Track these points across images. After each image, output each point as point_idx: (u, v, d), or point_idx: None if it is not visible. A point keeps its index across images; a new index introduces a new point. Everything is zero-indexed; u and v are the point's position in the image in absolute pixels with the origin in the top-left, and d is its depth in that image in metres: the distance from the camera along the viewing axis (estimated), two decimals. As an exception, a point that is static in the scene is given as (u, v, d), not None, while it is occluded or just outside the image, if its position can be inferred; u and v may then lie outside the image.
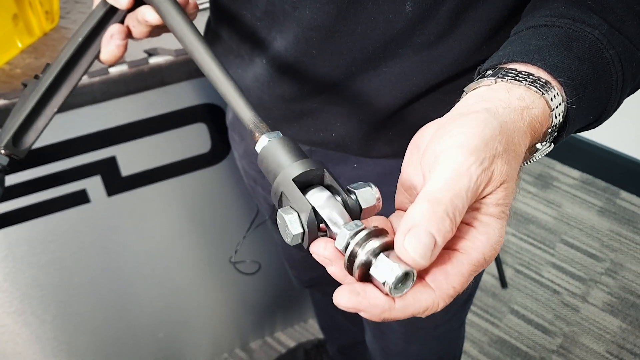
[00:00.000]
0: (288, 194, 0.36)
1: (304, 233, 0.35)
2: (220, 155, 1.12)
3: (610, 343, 1.60)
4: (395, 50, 0.56)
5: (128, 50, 0.95)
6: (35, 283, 1.14)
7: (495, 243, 0.35)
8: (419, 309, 0.34)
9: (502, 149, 0.35)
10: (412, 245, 0.32)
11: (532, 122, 0.38)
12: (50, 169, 1.00)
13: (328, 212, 0.35)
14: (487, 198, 0.35)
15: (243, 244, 1.16)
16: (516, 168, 0.36)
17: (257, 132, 0.41)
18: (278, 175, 0.37)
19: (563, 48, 0.41)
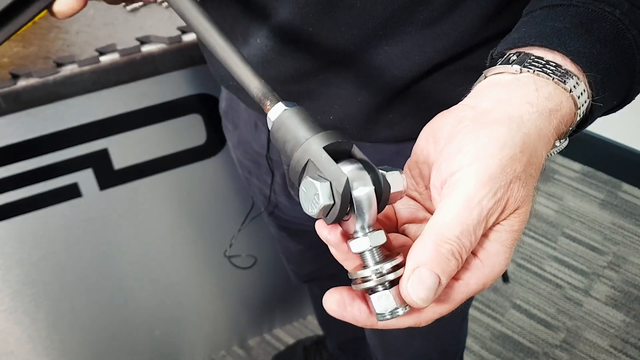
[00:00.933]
0: (318, 162, 0.33)
1: (332, 205, 0.33)
2: (216, 148, 1.09)
3: (614, 337, 1.58)
4: (397, 28, 0.53)
5: (119, 38, 0.93)
6: (27, 280, 1.11)
7: (498, 273, 0.35)
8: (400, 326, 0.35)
9: (521, 169, 0.33)
10: (416, 290, 0.32)
11: (558, 125, 0.36)
12: (40, 162, 0.97)
13: (360, 190, 0.33)
14: (499, 225, 0.34)
15: (238, 237, 1.13)
16: (533, 185, 0.35)
17: (268, 101, 0.37)
18: (303, 144, 0.34)
19: (583, 31, 0.38)
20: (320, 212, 0.33)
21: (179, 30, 0.93)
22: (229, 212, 1.21)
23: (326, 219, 0.34)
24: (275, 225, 0.97)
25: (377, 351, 1.01)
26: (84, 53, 0.90)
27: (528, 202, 0.34)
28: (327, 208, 0.33)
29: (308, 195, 0.33)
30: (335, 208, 0.33)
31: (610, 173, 2.05)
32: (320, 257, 1.08)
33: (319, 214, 0.33)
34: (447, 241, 0.32)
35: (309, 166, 0.34)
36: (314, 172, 0.33)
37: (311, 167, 0.34)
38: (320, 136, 0.34)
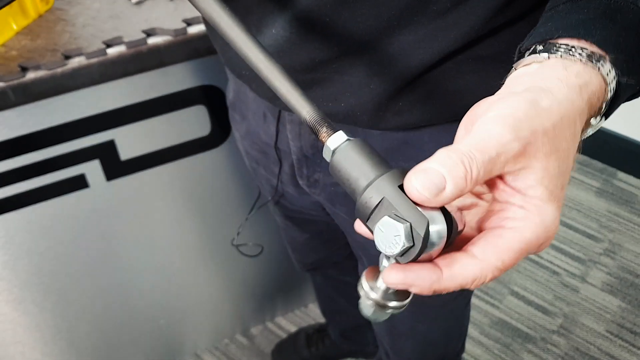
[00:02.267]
0: (395, 202, 0.33)
1: (411, 247, 0.33)
2: (220, 138, 1.11)
3: (610, 322, 1.61)
4: (410, 18, 0.54)
5: (126, 31, 0.94)
6: (35, 270, 1.13)
7: (550, 226, 0.34)
8: (467, 279, 0.34)
9: (549, 125, 0.34)
10: (420, 180, 0.32)
11: (590, 99, 0.37)
12: (48, 154, 0.98)
13: (436, 233, 0.33)
14: (528, 177, 0.34)
15: (245, 226, 1.15)
16: (569, 148, 0.35)
17: (324, 128, 0.37)
18: (376, 180, 0.34)
19: (608, 21, 0.40)
20: (399, 253, 0.33)
21: (184, 22, 0.95)
22: (234, 201, 1.22)
23: (401, 258, 0.34)
24: (281, 214, 0.99)
25: (383, 336, 1.02)
26: (91, 45, 0.92)
27: (560, 159, 0.35)
28: (405, 250, 0.33)
29: (386, 235, 0.33)
30: (414, 249, 0.33)
31: (605, 161, 2.07)
32: (325, 246, 1.10)
33: (396, 253, 0.33)
34: (457, 150, 0.33)
35: (384, 204, 0.34)
36: (390, 211, 0.33)
37: (387, 205, 0.34)
38: (392, 174, 0.34)
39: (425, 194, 0.32)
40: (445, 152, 0.33)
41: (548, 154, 0.34)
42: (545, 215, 0.34)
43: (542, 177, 0.34)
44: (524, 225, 0.34)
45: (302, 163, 0.76)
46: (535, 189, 0.34)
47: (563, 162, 0.35)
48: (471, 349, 1.56)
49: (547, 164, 0.34)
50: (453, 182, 0.32)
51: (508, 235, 0.34)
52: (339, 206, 0.78)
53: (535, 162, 0.34)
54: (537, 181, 0.34)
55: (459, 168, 0.32)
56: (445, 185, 0.32)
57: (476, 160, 0.32)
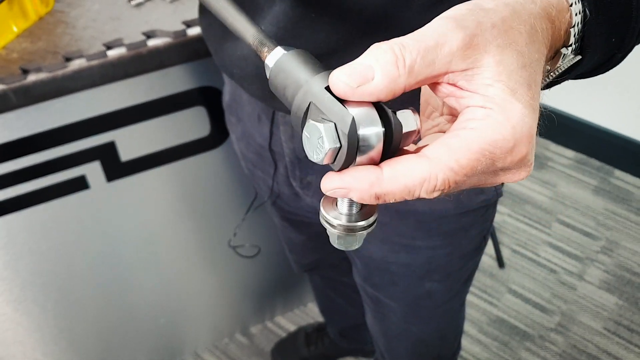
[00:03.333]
0: (321, 104, 0.30)
1: (339, 148, 0.29)
2: (219, 139, 1.12)
3: (607, 320, 1.62)
4: (396, 13, 0.54)
5: (126, 33, 0.95)
6: (36, 270, 1.14)
7: (517, 125, 0.30)
8: (413, 180, 0.30)
9: (497, 18, 0.31)
10: (343, 71, 0.29)
11: (546, 7, 0.33)
12: (49, 155, 0.99)
13: (368, 129, 0.29)
14: (482, 74, 0.30)
15: (243, 227, 1.16)
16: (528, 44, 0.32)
17: (265, 47, 0.35)
18: (303, 86, 0.31)
19: None
20: (326, 158, 0.30)
21: (183, 24, 0.95)
22: (232, 202, 1.23)
23: (333, 165, 0.31)
24: (278, 215, 1.00)
25: (379, 338, 1.03)
26: (92, 48, 0.92)
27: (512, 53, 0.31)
28: (334, 152, 0.30)
29: (312, 140, 0.30)
30: (342, 151, 0.29)
31: (602, 159, 2.08)
32: (322, 248, 1.10)
33: (325, 159, 0.30)
34: (388, 42, 0.30)
35: (311, 109, 0.31)
36: (317, 115, 0.30)
37: (314, 110, 0.31)
38: (322, 76, 0.31)
39: (350, 83, 0.29)
40: (375, 44, 0.30)
41: (502, 47, 0.31)
42: (510, 112, 0.30)
43: (499, 72, 0.30)
44: (485, 123, 0.30)
45: (295, 165, 0.76)
46: (494, 87, 0.30)
47: (522, 58, 0.31)
48: (469, 347, 1.57)
49: (502, 57, 0.30)
50: (381, 70, 0.29)
51: (465, 134, 0.30)
52: None
53: (487, 55, 0.30)
54: (494, 77, 0.30)
55: (388, 54, 0.29)
56: (374, 74, 0.29)
57: (409, 47, 0.29)
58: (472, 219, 0.75)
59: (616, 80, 1.89)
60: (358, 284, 0.95)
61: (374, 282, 0.89)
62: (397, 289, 0.86)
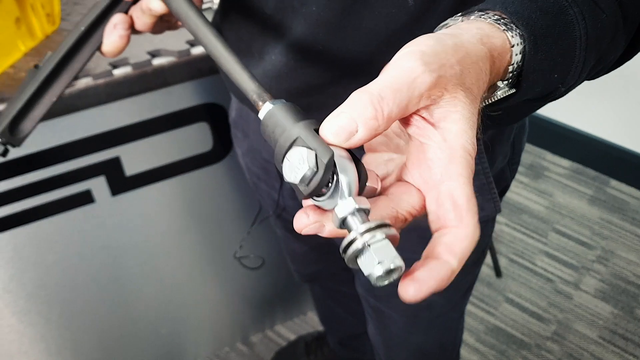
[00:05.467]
0: (306, 138, 0.35)
1: (315, 173, 0.33)
2: (222, 153, 1.14)
3: (602, 329, 1.64)
4: (398, 43, 0.57)
5: (132, 52, 0.97)
6: (41, 283, 1.16)
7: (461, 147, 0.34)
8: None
9: (455, 60, 0.35)
10: (332, 124, 0.33)
11: (491, 50, 0.38)
12: (56, 171, 1.01)
13: (343, 167, 0.34)
14: (444, 107, 0.34)
15: (247, 239, 1.18)
16: (473, 85, 0.36)
17: (260, 101, 0.40)
18: (293, 126, 0.36)
19: (528, 0, 0.41)
20: (301, 179, 0.34)
21: (187, 43, 0.98)
22: (234, 215, 1.25)
23: (306, 187, 0.34)
24: (282, 227, 1.02)
25: (379, 347, 1.05)
26: (98, 67, 0.95)
27: (471, 94, 0.35)
28: (310, 174, 0.33)
29: (293, 163, 0.34)
30: (317, 176, 0.33)
31: (598, 169, 2.11)
32: (323, 258, 1.13)
33: (300, 180, 0.34)
34: (366, 92, 0.33)
35: (296, 142, 0.35)
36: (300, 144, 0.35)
37: (299, 142, 0.35)
38: (308, 122, 0.36)
39: (339, 138, 0.33)
40: (356, 95, 0.34)
41: (455, 86, 0.35)
42: (454, 141, 0.34)
43: (454, 105, 0.34)
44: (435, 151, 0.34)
45: None
46: (452, 118, 0.34)
47: (471, 95, 0.35)
48: (467, 356, 1.59)
49: (456, 94, 0.35)
50: (364, 125, 0.33)
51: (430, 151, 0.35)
52: None
53: (446, 93, 0.34)
54: (451, 110, 0.34)
55: (368, 110, 0.33)
56: (357, 128, 0.33)
57: (387, 99, 0.33)
58: None
59: (612, 90, 1.92)
60: (360, 294, 0.98)
61: (376, 294, 0.91)
62: (398, 300, 0.88)
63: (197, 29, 0.47)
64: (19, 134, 0.54)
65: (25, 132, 0.55)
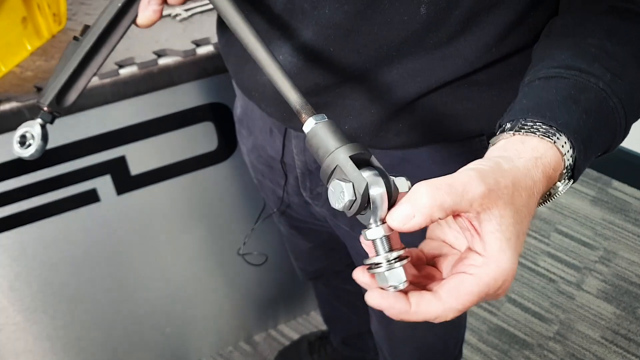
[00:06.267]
0: (344, 168, 0.42)
1: (354, 201, 0.41)
2: (227, 153, 1.15)
3: (605, 329, 1.64)
4: (409, 50, 0.58)
5: (138, 52, 0.98)
6: (46, 281, 1.16)
7: (505, 271, 0.40)
8: (430, 316, 0.42)
9: (509, 181, 0.41)
10: (394, 213, 0.40)
11: (545, 169, 0.43)
12: (62, 169, 1.02)
13: (374, 193, 0.41)
14: (489, 221, 0.40)
15: (251, 236, 1.19)
16: (524, 205, 0.42)
17: (304, 114, 0.46)
18: (332, 152, 0.43)
19: (572, 102, 0.46)
20: (343, 206, 0.41)
21: (193, 43, 0.98)
22: (239, 213, 1.26)
23: (348, 212, 0.42)
24: (287, 224, 1.03)
25: (383, 342, 1.06)
26: (104, 66, 0.95)
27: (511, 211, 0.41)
28: (350, 203, 0.41)
29: (335, 193, 0.42)
30: (356, 203, 0.41)
31: (600, 170, 2.11)
32: (328, 255, 1.13)
33: (343, 207, 0.41)
34: (426, 183, 0.40)
35: (336, 170, 0.42)
36: (341, 175, 0.42)
37: (338, 171, 0.42)
38: (346, 147, 0.43)
39: (399, 225, 0.40)
40: (417, 186, 0.40)
41: (506, 204, 0.40)
42: (501, 262, 0.40)
43: (500, 223, 0.40)
44: (482, 271, 0.40)
45: (306, 177, 0.80)
46: (494, 234, 0.40)
47: (518, 215, 0.41)
48: (470, 356, 1.59)
49: (504, 212, 0.40)
50: (420, 213, 0.39)
51: (468, 280, 0.41)
52: (341, 218, 0.82)
53: (495, 208, 0.40)
54: (495, 227, 0.40)
55: (425, 199, 0.39)
56: (415, 215, 0.39)
57: (442, 191, 0.39)
58: None
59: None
60: None
61: None
62: None
63: (241, 30, 0.51)
64: (64, 104, 0.59)
65: (70, 102, 0.60)
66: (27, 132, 0.58)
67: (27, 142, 0.58)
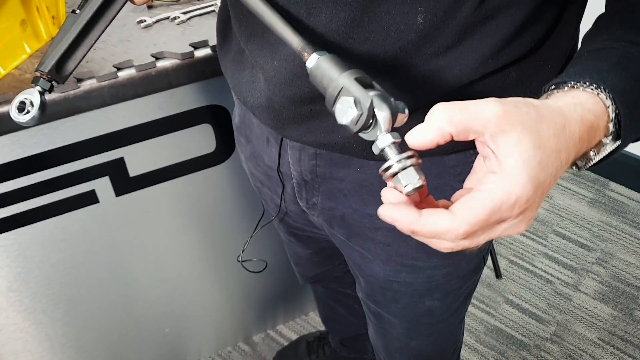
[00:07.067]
0: (350, 88, 0.45)
1: (361, 115, 0.44)
2: (225, 155, 1.15)
3: (602, 330, 1.65)
4: (405, 59, 0.58)
5: (136, 55, 0.98)
6: (46, 282, 1.17)
7: (519, 188, 0.39)
8: (438, 228, 0.41)
9: (534, 111, 0.40)
10: (412, 131, 0.42)
11: (584, 114, 0.42)
12: (61, 171, 1.02)
13: (378, 109, 0.44)
14: (505, 142, 0.39)
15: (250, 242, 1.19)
16: (551, 141, 0.40)
17: (306, 53, 0.48)
18: (337, 77, 0.45)
19: (620, 68, 0.46)
20: (350, 120, 0.44)
21: (191, 46, 0.99)
22: (237, 215, 1.27)
23: (355, 126, 0.44)
24: (285, 231, 1.03)
25: (380, 351, 1.06)
26: (103, 69, 0.96)
27: (531, 139, 0.40)
28: (357, 117, 0.44)
29: (343, 108, 0.44)
30: (362, 117, 0.44)
31: (598, 172, 2.12)
32: (327, 261, 1.14)
33: (350, 121, 0.44)
34: (442, 104, 0.41)
35: (342, 92, 0.45)
36: (348, 94, 0.45)
37: (344, 92, 0.45)
38: (350, 72, 0.45)
39: (415, 140, 0.42)
40: (435, 106, 0.41)
41: (526, 129, 0.39)
42: (515, 178, 0.39)
43: (516, 145, 0.39)
44: (495, 186, 0.40)
45: (302, 187, 0.80)
46: (511, 154, 0.39)
47: (542, 145, 0.40)
48: (467, 356, 1.60)
49: (523, 136, 0.39)
50: (431, 127, 0.41)
51: (481, 194, 0.40)
52: (337, 228, 0.82)
53: (513, 131, 0.39)
54: (512, 148, 0.39)
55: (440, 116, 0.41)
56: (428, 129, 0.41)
57: (455, 108, 0.40)
58: None
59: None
60: (361, 299, 0.99)
61: (376, 299, 0.92)
62: (399, 306, 0.89)
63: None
64: (63, 73, 0.61)
65: (69, 70, 0.61)
66: (26, 99, 0.59)
67: (26, 109, 0.59)
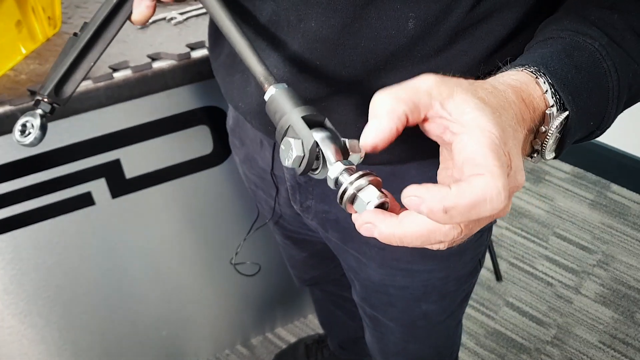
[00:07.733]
0: (295, 127, 0.44)
1: (303, 157, 0.42)
2: (222, 157, 1.14)
3: (603, 333, 1.64)
4: (396, 63, 0.58)
5: (132, 56, 0.97)
6: (41, 284, 1.16)
7: (490, 126, 0.36)
8: (478, 191, 0.34)
9: (463, 79, 0.40)
10: (364, 134, 0.40)
11: (524, 98, 0.42)
12: (56, 173, 1.01)
13: (325, 147, 0.42)
14: (453, 109, 0.38)
15: (243, 245, 1.18)
16: (494, 99, 0.39)
17: (266, 83, 0.48)
18: (287, 114, 0.45)
19: (564, 55, 0.45)
20: (293, 162, 0.42)
21: (188, 47, 0.98)
22: (234, 217, 1.26)
23: (298, 169, 0.43)
24: (281, 234, 1.02)
25: (377, 355, 1.05)
26: (98, 70, 0.95)
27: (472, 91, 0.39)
28: (298, 159, 0.42)
29: (286, 150, 0.43)
30: (304, 160, 0.42)
31: (599, 174, 2.11)
32: (323, 264, 1.13)
33: (292, 163, 0.42)
34: (377, 97, 0.40)
35: (289, 130, 0.44)
36: (292, 134, 0.44)
37: (291, 131, 0.44)
38: (300, 109, 0.45)
39: (371, 138, 0.40)
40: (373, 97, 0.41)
41: (465, 90, 0.38)
42: (478, 124, 0.36)
43: (464, 101, 0.38)
44: (469, 137, 0.36)
45: (296, 190, 0.79)
46: (464, 113, 0.37)
47: (485, 102, 0.38)
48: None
49: (466, 96, 0.38)
50: (382, 115, 0.40)
51: (474, 149, 0.36)
52: (331, 231, 0.81)
53: (456, 94, 0.38)
54: (463, 106, 0.37)
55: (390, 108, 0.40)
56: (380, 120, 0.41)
57: (395, 89, 0.39)
58: (466, 244, 0.78)
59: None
60: (357, 302, 0.98)
61: (372, 303, 0.91)
62: (395, 309, 0.88)
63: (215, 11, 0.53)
64: (63, 95, 0.62)
65: (68, 93, 0.63)
66: (27, 122, 0.61)
67: (27, 131, 0.61)
